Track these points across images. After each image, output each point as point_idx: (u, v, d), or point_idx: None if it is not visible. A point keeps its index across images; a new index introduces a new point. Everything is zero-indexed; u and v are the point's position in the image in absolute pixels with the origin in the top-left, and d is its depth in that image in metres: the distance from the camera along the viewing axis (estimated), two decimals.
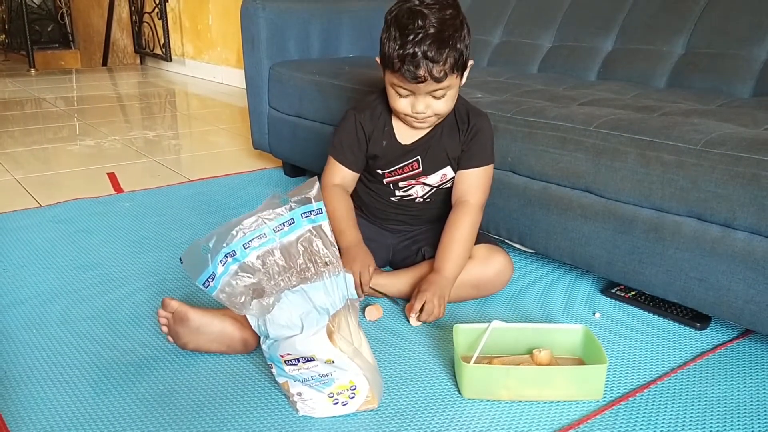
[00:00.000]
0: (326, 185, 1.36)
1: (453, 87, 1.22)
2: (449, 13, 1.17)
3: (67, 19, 6.51)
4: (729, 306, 1.13)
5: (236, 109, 3.52)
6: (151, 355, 1.15)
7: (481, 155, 1.33)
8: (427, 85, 1.18)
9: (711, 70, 1.64)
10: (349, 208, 1.35)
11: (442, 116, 1.28)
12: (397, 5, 1.19)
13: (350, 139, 1.34)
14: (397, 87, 1.22)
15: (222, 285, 0.94)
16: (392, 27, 1.18)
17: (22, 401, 1.02)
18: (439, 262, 1.28)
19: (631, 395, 1.03)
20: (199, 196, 2.03)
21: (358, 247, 1.30)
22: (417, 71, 1.15)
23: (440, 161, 1.33)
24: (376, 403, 0.99)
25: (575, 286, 1.43)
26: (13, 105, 3.67)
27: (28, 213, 1.87)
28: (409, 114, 1.24)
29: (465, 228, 1.29)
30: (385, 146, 1.33)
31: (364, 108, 1.34)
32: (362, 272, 1.27)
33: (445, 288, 1.25)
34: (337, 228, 1.29)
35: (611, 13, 1.89)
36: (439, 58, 1.15)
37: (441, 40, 1.14)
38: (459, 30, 1.18)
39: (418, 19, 1.15)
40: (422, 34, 1.14)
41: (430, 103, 1.22)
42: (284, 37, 2.11)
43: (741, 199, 1.08)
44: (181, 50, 4.81)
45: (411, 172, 1.34)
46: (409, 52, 1.14)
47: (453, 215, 1.32)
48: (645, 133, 1.22)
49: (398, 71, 1.17)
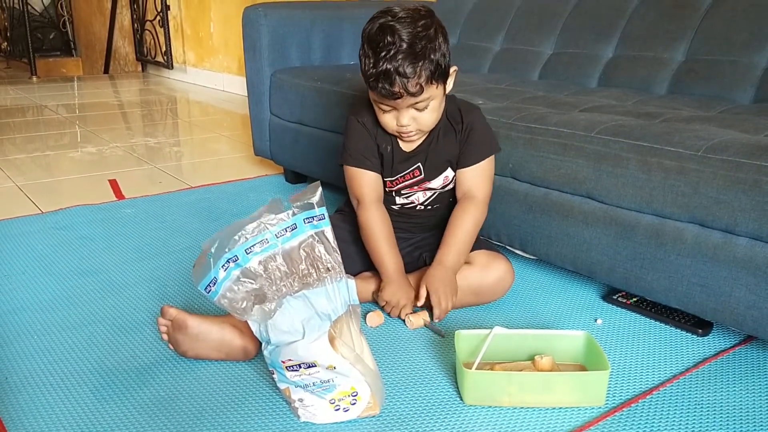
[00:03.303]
0: (363, 202, 1.31)
1: (435, 97, 1.21)
2: (421, 24, 1.16)
3: (69, 27, 6.52)
4: (731, 312, 1.13)
5: (237, 116, 3.53)
6: (152, 362, 1.15)
7: (479, 150, 1.32)
8: (405, 100, 1.18)
9: (711, 76, 1.64)
10: (391, 231, 1.31)
11: (427, 130, 1.27)
12: (370, 22, 1.18)
13: (362, 141, 1.31)
14: (378, 104, 1.23)
15: (224, 290, 0.94)
16: (365, 44, 1.18)
17: (22, 407, 1.01)
18: (442, 254, 1.27)
19: (633, 402, 1.03)
20: (200, 203, 2.03)
21: (401, 279, 1.29)
22: (392, 88, 1.15)
23: (441, 165, 1.33)
24: (377, 409, 0.99)
25: (577, 292, 1.43)
26: (15, 112, 3.68)
27: (30, 219, 1.88)
28: (396, 129, 1.25)
29: (469, 221, 1.29)
30: (389, 151, 1.32)
31: (363, 112, 1.33)
32: (405, 308, 1.27)
33: (450, 279, 1.25)
34: (379, 254, 1.29)
35: (612, 20, 1.89)
36: (412, 73, 1.14)
37: (413, 55, 1.13)
38: (432, 40, 1.16)
39: (388, 35, 1.14)
40: (393, 50, 1.13)
41: (414, 116, 1.22)
42: (286, 44, 2.12)
43: (742, 205, 1.08)
44: (183, 58, 4.83)
45: (413, 179, 1.34)
46: (382, 70, 1.14)
47: (458, 209, 1.31)
48: (646, 140, 1.22)
49: (375, 89, 1.17)
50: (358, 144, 1.31)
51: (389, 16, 1.16)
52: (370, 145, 1.31)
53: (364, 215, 1.31)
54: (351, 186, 1.34)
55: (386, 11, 1.18)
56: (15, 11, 5.91)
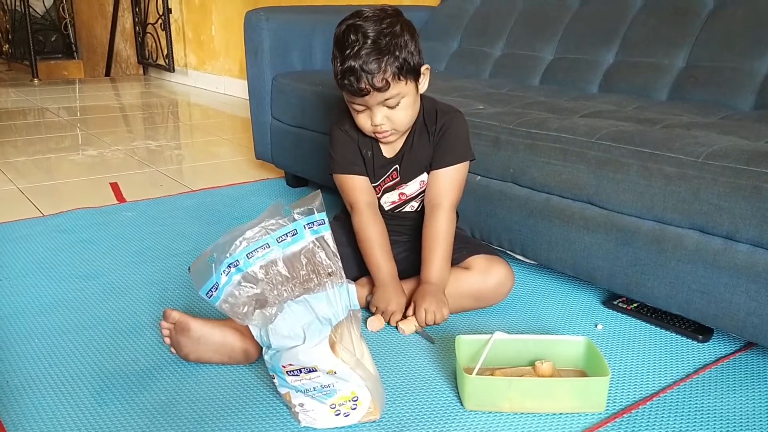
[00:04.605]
0: (356, 207, 1.32)
1: (407, 95, 1.22)
2: (387, 22, 1.19)
3: (71, 30, 6.53)
4: (731, 318, 1.13)
5: (239, 120, 3.53)
6: (153, 365, 1.15)
7: (451, 153, 1.32)
8: (374, 96, 1.19)
9: (712, 83, 1.64)
10: (385, 236, 1.32)
11: (402, 129, 1.28)
12: (339, 25, 1.21)
13: (347, 149, 1.34)
14: (351, 104, 1.25)
15: (225, 295, 0.94)
16: (334, 47, 1.21)
17: (23, 410, 1.01)
18: (426, 273, 1.28)
19: (634, 408, 1.03)
20: (201, 206, 2.04)
21: (393, 285, 1.29)
22: (359, 84, 1.17)
23: (416, 168, 1.34)
24: (378, 414, 0.99)
25: (577, 297, 1.43)
26: (16, 115, 3.68)
27: (31, 222, 1.88)
28: (371, 130, 1.26)
29: (442, 233, 1.29)
30: (370, 156, 1.33)
31: (345, 120, 1.34)
32: (394, 314, 1.27)
33: (439, 293, 1.25)
34: (372, 259, 1.30)
35: (613, 26, 1.90)
36: (376, 68, 1.16)
37: (378, 50, 1.16)
38: (398, 36, 1.18)
39: (352, 33, 1.17)
40: (358, 46, 1.16)
41: (387, 114, 1.23)
42: (287, 48, 2.12)
43: (743, 212, 1.08)
44: (184, 61, 4.84)
45: (391, 182, 1.35)
46: (347, 67, 1.16)
47: (428, 222, 1.31)
48: (647, 146, 1.22)
49: (344, 88, 1.20)
50: (343, 151, 1.34)
51: (356, 18, 1.19)
52: (354, 150, 1.33)
53: (357, 220, 1.32)
54: (343, 193, 1.36)
55: (354, 14, 1.21)
56: (17, 13, 5.92)
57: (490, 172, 1.48)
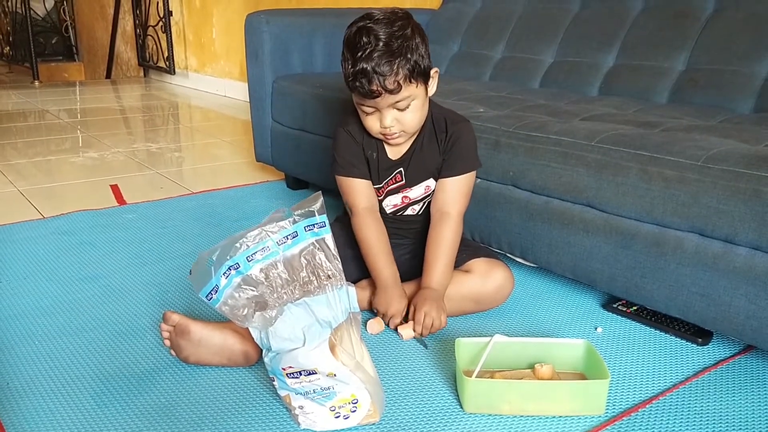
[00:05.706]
0: (355, 210, 1.33)
1: (416, 97, 1.22)
2: (398, 25, 1.19)
3: (72, 32, 6.55)
4: (731, 321, 1.14)
5: (239, 122, 3.53)
6: (153, 368, 1.15)
7: (461, 163, 1.32)
8: (385, 99, 1.19)
9: (712, 86, 1.65)
10: (384, 239, 1.31)
11: (411, 131, 1.28)
12: (349, 27, 1.21)
13: (350, 151, 1.33)
14: (360, 105, 1.24)
15: (225, 297, 0.95)
16: (344, 48, 1.21)
17: (23, 412, 1.02)
18: (427, 279, 1.28)
19: (633, 410, 1.03)
20: (201, 209, 2.04)
21: (394, 288, 1.29)
22: (370, 86, 1.17)
23: (422, 173, 1.34)
24: (377, 416, 0.99)
25: (577, 300, 1.43)
26: (17, 117, 3.69)
27: (31, 224, 1.88)
28: (380, 132, 1.26)
29: (448, 241, 1.29)
30: (375, 158, 1.33)
31: (350, 121, 1.34)
32: (394, 317, 1.26)
33: (439, 299, 1.25)
34: (373, 262, 1.30)
35: (613, 29, 1.90)
36: (388, 71, 1.16)
37: (390, 53, 1.16)
38: (410, 39, 1.18)
39: (364, 35, 1.17)
40: (370, 48, 1.16)
41: (397, 116, 1.23)
42: (288, 51, 2.13)
43: (742, 215, 1.08)
44: (185, 63, 4.84)
45: (395, 184, 1.35)
46: (359, 69, 1.16)
47: (434, 229, 1.31)
48: (646, 149, 1.22)
49: (355, 90, 1.20)
50: (346, 153, 1.33)
51: (367, 20, 1.19)
52: (357, 153, 1.33)
53: (357, 223, 1.32)
54: (344, 195, 1.36)
55: (364, 16, 1.21)
56: (18, 16, 5.93)
57: (490, 174, 1.48)
